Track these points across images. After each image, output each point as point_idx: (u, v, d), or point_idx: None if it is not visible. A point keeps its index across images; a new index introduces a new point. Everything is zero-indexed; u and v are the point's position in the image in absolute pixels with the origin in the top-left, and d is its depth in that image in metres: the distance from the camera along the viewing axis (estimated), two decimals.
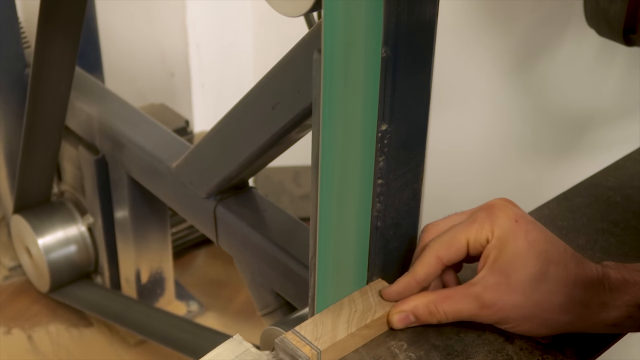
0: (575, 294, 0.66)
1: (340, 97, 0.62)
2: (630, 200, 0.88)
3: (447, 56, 1.45)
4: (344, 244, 0.70)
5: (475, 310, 0.68)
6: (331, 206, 0.67)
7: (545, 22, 1.46)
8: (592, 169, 0.94)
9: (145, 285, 1.34)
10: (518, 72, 1.52)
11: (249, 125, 0.91)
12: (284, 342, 0.68)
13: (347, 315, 0.70)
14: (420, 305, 0.70)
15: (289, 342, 0.67)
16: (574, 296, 0.66)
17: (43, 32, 1.09)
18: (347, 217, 0.69)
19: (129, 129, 1.19)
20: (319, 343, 0.67)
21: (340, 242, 0.70)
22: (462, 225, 0.69)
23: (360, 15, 0.60)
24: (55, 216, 1.35)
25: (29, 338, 1.34)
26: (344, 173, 0.66)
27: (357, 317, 0.70)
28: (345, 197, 0.68)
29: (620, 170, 0.94)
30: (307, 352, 0.67)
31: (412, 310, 0.70)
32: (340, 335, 0.68)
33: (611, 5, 1.07)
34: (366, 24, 0.61)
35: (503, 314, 0.67)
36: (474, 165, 1.63)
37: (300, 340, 0.67)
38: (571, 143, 1.55)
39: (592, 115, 1.52)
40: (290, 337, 0.68)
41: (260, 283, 1.01)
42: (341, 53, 0.60)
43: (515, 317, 0.67)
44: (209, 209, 1.04)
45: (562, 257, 0.67)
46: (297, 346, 0.67)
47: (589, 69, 1.48)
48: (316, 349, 0.67)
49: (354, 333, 0.69)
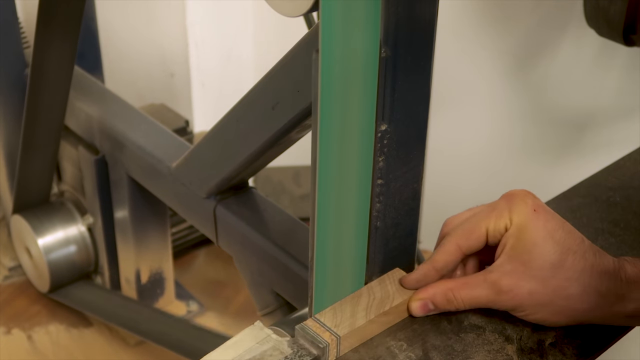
0: (592, 284, 0.66)
1: (339, 97, 0.62)
2: (630, 200, 0.88)
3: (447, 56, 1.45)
4: (343, 244, 0.70)
5: (492, 297, 0.69)
6: (330, 206, 0.67)
7: (545, 22, 1.46)
8: (592, 169, 0.94)
9: (145, 285, 1.34)
10: (518, 73, 1.52)
11: (248, 125, 0.91)
12: (304, 329, 0.69)
13: (366, 302, 0.71)
14: (439, 293, 0.71)
15: (309, 328, 0.69)
16: (591, 285, 0.66)
17: (42, 32, 1.09)
18: (346, 217, 0.69)
19: (129, 129, 1.19)
20: (339, 329, 0.69)
21: (339, 242, 0.70)
22: (482, 214, 0.70)
23: (358, 16, 0.60)
24: (55, 216, 1.35)
25: (29, 338, 1.34)
26: (342, 173, 0.66)
27: (376, 304, 0.71)
28: (344, 197, 0.68)
29: (620, 170, 0.94)
30: (327, 338, 0.68)
31: (430, 298, 0.71)
32: (359, 322, 0.70)
33: (611, 5, 1.07)
34: (364, 24, 0.61)
35: (519, 300, 0.68)
36: (474, 165, 1.63)
37: (320, 327, 0.69)
38: (571, 143, 1.55)
39: (592, 115, 1.52)
40: (310, 324, 0.69)
41: (260, 283, 1.01)
42: (339, 53, 0.60)
43: (531, 304, 0.68)
44: (209, 209, 1.04)
45: (580, 247, 0.67)
46: (317, 332, 0.68)
47: (589, 69, 1.48)
48: (336, 335, 0.68)
49: (373, 320, 0.70)
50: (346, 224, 0.69)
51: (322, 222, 0.67)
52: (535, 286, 0.67)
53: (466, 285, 0.70)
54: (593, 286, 0.66)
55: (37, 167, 1.29)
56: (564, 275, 0.66)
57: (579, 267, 0.67)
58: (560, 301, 0.67)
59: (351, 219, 0.70)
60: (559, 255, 0.66)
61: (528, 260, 0.67)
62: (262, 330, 0.70)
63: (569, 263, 0.67)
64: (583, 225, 0.85)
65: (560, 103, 1.53)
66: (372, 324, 0.70)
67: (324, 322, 0.69)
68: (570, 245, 0.67)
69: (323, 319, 0.70)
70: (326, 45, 0.59)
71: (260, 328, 0.70)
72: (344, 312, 0.70)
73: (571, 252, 0.67)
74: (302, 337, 0.69)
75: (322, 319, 0.69)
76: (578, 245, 0.67)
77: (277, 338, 0.69)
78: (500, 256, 0.69)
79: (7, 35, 1.25)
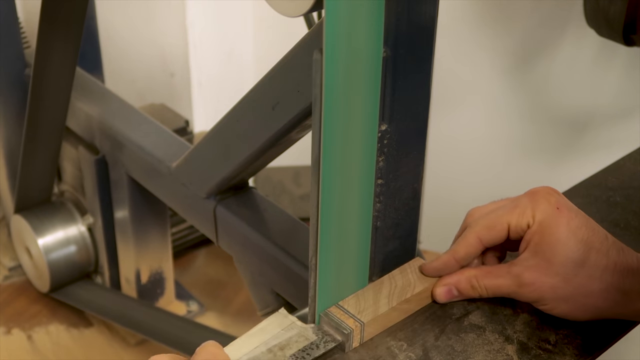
0: (614, 281, 0.67)
1: (342, 97, 0.62)
2: (630, 200, 0.88)
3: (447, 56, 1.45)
4: (345, 244, 0.70)
5: (514, 288, 0.70)
6: (332, 206, 0.67)
7: (545, 22, 1.46)
8: (592, 169, 0.94)
9: (145, 285, 1.34)
10: (518, 73, 1.53)
11: (248, 125, 0.91)
12: (328, 316, 0.70)
13: (388, 290, 0.73)
14: (463, 279, 0.72)
15: (334, 315, 0.70)
16: (613, 283, 0.67)
17: (44, 32, 1.09)
18: (348, 217, 0.69)
19: (129, 129, 1.19)
20: (362, 316, 0.70)
21: (342, 242, 0.70)
22: (505, 209, 0.71)
23: (362, 16, 0.60)
24: (55, 216, 1.35)
25: (29, 338, 1.34)
26: (344, 173, 0.66)
27: (398, 292, 0.72)
28: (346, 197, 0.68)
29: (620, 170, 0.94)
30: (350, 324, 0.69)
31: (454, 284, 0.72)
32: (382, 309, 0.71)
33: (611, 5, 1.07)
34: (367, 24, 0.61)
35: (541, 293, 0.68)
36: (474, 165, 1.63)
37: (344, 314, 0.70)
38: (571, 143, 1.55)
39: (592, 115, 1.52)
40: (334, 311, 0.70)
41: (260, 283, 1.01)
42: (342, 53, 0.60)
43: (552, 298, 0.68)
44: (209, 209, 1.04)
45: (604, 244, 0.68)
46: (341, 319, 0.69)
47: (589, 69, 1.48)
48: (359, 322, 0.69)
49: (395, 307, 0.71)
50: (348, 224, 0.69)
51: (325, 222, 0.67)
52: (558, 282, 0.67)
53: (490, 274, 0.71)
54: (615, 284, 0.67)
55: (38, 167, 1.29)
56: (587, 273, 0.67)
57: (601, 265, 0.67)
58: (581, 298, 0.68)
59: (353, 219, 0.70)
60: (581, 253, 0.67)
61: (551, 257, 0.67)
62: (286, 317, 0.71)
63: (591, 261, 0.67)
64: None
65: (560, 103, 1.53)
66: (394, 311, 0.72)
67: (347, 309, 0.70)
68: (594, 243, 0.67)
69: (346, 305, 0.71)
70: (330, 45, 0.59)
71: (285, 315, 0.71)
72: (366, 299, 0.72)
73: (594, 250, 0.67)
74: (327, 323, 0.70)
75: (346, 306, 0.71)
76: (601, 243, 0.68)
77: (302, 325, 0.70)
78: (524, 252, 0.69)
79: (7, 35, 1.25)
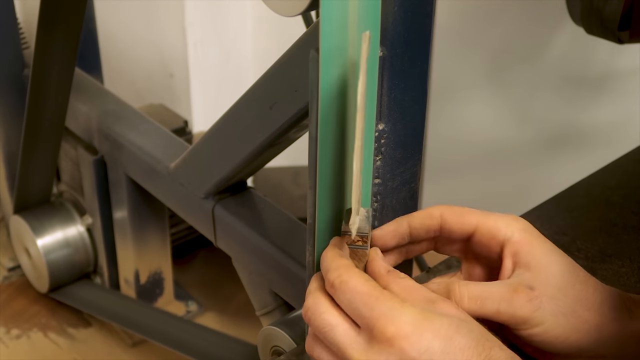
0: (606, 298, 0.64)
1: (338, 96, 0.62)
2: (628, 200, 0.88)
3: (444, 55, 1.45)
4: None
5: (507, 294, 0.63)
6: (329, 206, 0.67)
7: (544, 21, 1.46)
8: (591, 169, 0.94)
9: (144, 285, 1.34)
10: (517, 72, 1.52)
11: (246, 125, 0.91)
12: None
13: None
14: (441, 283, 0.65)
15: None
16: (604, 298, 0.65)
17: (43, 32, 1.09)
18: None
19: (128, 129, 1.19)
20: None
21: None
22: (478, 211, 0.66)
23: (358, 15, 0.60)
24: (54, 217, 1.35)
25: (29, 338, 1.34)
26: (341, 172, 0.66)
27: None
28: (344, 196, 0.68)
29: (618, 169, 0.94)
30: None
31: None
32: None
33: (606, 4, 1.07)
34: (364, 23, 0.61)
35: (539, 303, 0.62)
36: (473, 165, 1.63)
37: None
38: (570, 143, 1.55)
39: (591, 115, 1.52)
40: None
41: (259, 283, 1.01)
42: (338, 52, 0.60)
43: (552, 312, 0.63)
44: (208, 209, 1.04)
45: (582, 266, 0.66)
46: None
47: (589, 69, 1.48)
48: None
49: None
50: None
51: (322, 221, 0.67)
52: (555, 293, 0.64)
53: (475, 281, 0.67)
54: (608, 300, 0.64)
55: (38, 168, 1.29)
56: (580, 287, 0.64)
57: (591, 280, 0.66)
58: (582, 311, 0.64)
59: None
60: (571, 266, 0.65)
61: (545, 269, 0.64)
62: None
63: (581, 276, 0.65)
64: (582, 224, 0.85)
65: (560, 102, 1.53)
66: None
67: None
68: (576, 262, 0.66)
69: None
70: (326, 44, 0.59)
71: None
72: None
73: (580, 268, 0.65)
74: None
75: None
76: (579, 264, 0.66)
77: None
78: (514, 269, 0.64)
79: (6, 36, 1.26)
